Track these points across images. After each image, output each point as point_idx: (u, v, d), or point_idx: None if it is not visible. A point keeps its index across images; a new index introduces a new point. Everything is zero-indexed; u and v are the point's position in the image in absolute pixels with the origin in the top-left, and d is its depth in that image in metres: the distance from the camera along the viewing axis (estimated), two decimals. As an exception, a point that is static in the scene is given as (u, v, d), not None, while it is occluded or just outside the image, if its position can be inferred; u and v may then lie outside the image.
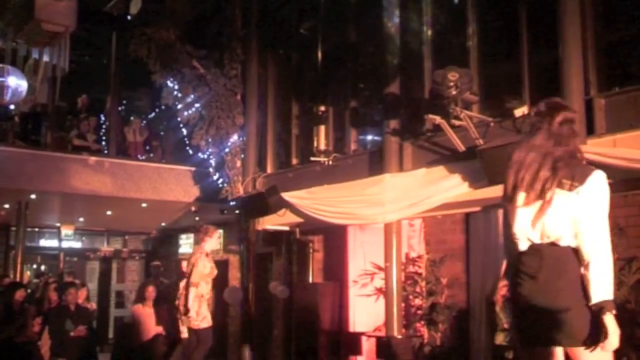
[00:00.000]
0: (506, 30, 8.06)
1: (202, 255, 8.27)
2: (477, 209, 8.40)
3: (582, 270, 3.20)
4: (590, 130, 6.62)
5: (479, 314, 8.43)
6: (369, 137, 10.19)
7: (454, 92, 6.94)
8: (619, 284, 6.57)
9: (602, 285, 3.15)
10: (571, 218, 3.24)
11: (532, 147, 3.40)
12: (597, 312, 3.12)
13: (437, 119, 7.46)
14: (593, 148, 6.41)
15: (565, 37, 6.73)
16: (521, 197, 3.35)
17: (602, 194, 3.26)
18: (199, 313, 8.04)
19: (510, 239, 3.43)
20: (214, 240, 8.67)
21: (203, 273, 8.06)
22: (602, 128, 6.66)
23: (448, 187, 7.70)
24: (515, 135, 6.99)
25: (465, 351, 8.46)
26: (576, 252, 3.24)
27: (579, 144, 3.57)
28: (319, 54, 10.87)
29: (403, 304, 8.71)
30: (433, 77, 7.24)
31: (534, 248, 3.35)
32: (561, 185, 3.26)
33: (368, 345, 9.77)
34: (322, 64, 10.83)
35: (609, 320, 3.10)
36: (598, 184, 3.26)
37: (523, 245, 3.37)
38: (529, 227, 3.33)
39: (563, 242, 3.27)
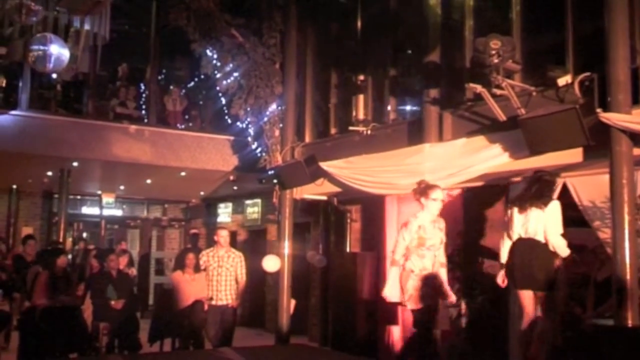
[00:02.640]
0: (550, -3, 7.90)
1: (405, 226, 6.86)
2: (518, 179, 8.30)
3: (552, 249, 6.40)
4: (636, 100, 6.46)
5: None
6: (408, 107, 10.11)
7: (495, 61, 6.82)
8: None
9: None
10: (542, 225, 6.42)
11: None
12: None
13: (478, 88, 7.35)
14: (638, 118, 6.29)
15: (612, 3, 6.54)
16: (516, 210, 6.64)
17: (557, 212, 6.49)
18: (404, 291, 6.77)
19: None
20: (432, 205, 6.80)
21: (411, 245, 6.71)
22: (648, 98, 6.51)
23: (488, 157, 7.61)
24: (558, 105, 6.89)
25: (503, 322, 8.42)
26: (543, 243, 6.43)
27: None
28: (359, 23, 10.79)
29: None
30: (474, 45, 7.12)
31: (522, 239, 6.54)
32: (538, 206, 6.44)
33: (405, 315, 9.77)
34: (361, 33, 10.75)
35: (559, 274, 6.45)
36: (553, 206, 6.47)
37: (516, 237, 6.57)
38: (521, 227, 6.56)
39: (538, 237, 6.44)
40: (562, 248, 6.52)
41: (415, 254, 6.64)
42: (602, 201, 7.12)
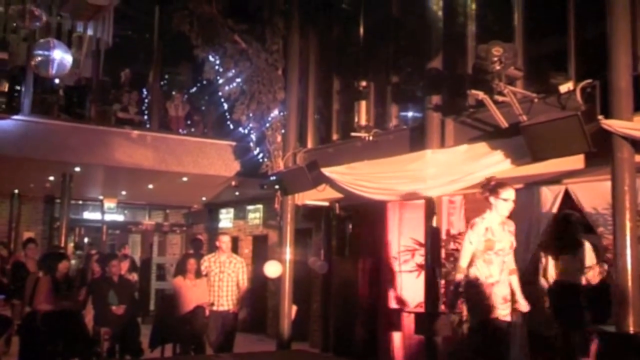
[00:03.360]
0: (552, 4, 7.90)
1: (470, 228, 6.13)
2: (520, 186, 8.29)
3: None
4: (638, 107, 6.46)
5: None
6: (410, 113, 10.12)
7: (497, 67, 6.82)
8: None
9: None
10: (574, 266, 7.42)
11: None
12: None
13: (480, 95, 7.35)
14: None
15: (613, 10, 6.55)
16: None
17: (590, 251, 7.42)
18: (467, 301, 6.16)
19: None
20: (502, 205, 6.03)
21: (477, 250, 5.98)
22: (649, 104, 6.52)
23: (490, 164, 7.61)
24: (560, 112, 6.90)
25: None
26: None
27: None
28: (361, 29, 10.80)
29: (443, 281, 8.67)
30: (476, 52, 7.12)
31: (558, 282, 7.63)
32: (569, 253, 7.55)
33: (407, 321, 9.77)
34: (363, 39, 10.76)
35: None
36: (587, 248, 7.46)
37: None
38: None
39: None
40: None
41: (481, 260, 5.94)
42: (604, 207, 7.12)
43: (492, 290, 5.88)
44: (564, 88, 7.07)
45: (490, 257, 5.93)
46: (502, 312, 5.97)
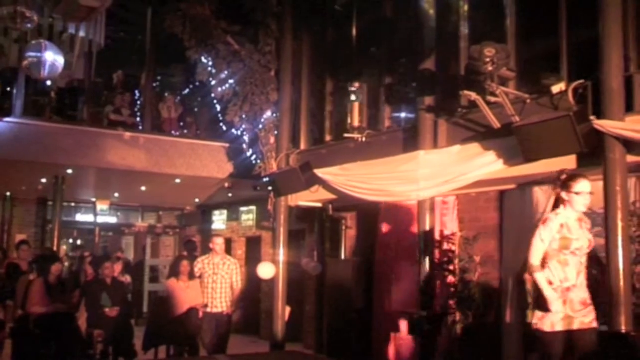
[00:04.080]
0: (545, 5, 7.92)
1: (543, 224, 5.37)
2: (512, 186, 8.33)
3: None
4: (630, 108, 6.50)
5: (511, 292, 8.37)
6: (403, 114, 10.11)
7: (490, 68, 6.85)
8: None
9: None
10: None
11: None
12: None
13: (473, 96, 7.37)
14: (631, 125, 6.32)
15: (606, 12, 6.58)
16: None
17: None
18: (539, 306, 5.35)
19: None
20: (576, 200, 5.33)
21: (551, 249, 5.28)
22: (641, 105, 6.55)
23: (483, 164, 7.63)
24: (552, 112, 6.91)
25: (497, 329, 8.42)
26: None
27: None
28: (354, 30, 10.81)
29: (437, 282, 8.68)
30: (469, 53, 7.14)
31: None
32: None
33: (401, 322, 9.76)
34: (356, 41, 10.77)
35: None
36: None
37: None
38: None
39: None
40: None
41: (555, 260, 5.26)
42: (597, 208, 7.13)
43: (567, 296, 5.21)
44: (556, 89, 7.09)
45: (566, 257, 5.27)
46: (585, 320, 5.26)
